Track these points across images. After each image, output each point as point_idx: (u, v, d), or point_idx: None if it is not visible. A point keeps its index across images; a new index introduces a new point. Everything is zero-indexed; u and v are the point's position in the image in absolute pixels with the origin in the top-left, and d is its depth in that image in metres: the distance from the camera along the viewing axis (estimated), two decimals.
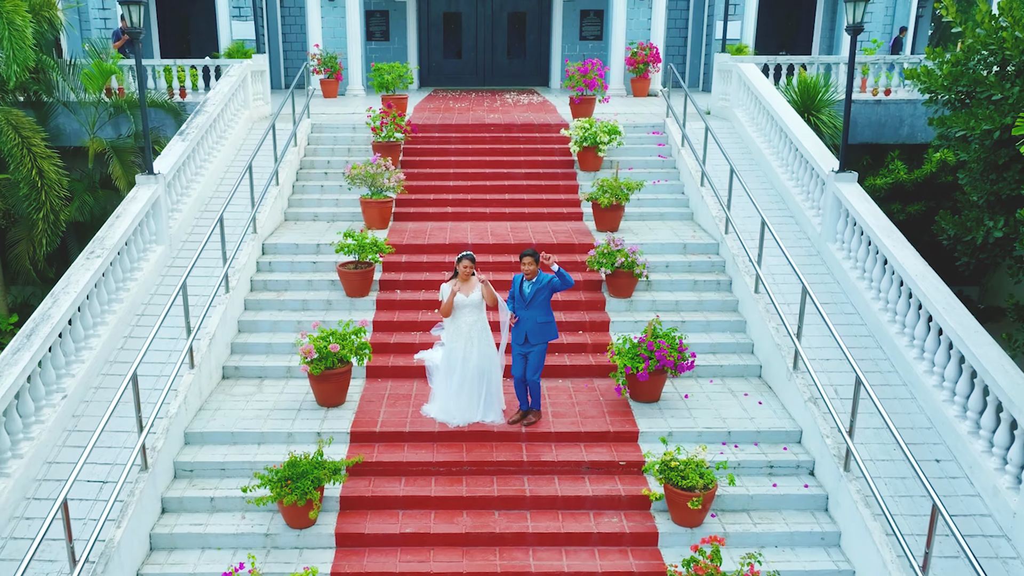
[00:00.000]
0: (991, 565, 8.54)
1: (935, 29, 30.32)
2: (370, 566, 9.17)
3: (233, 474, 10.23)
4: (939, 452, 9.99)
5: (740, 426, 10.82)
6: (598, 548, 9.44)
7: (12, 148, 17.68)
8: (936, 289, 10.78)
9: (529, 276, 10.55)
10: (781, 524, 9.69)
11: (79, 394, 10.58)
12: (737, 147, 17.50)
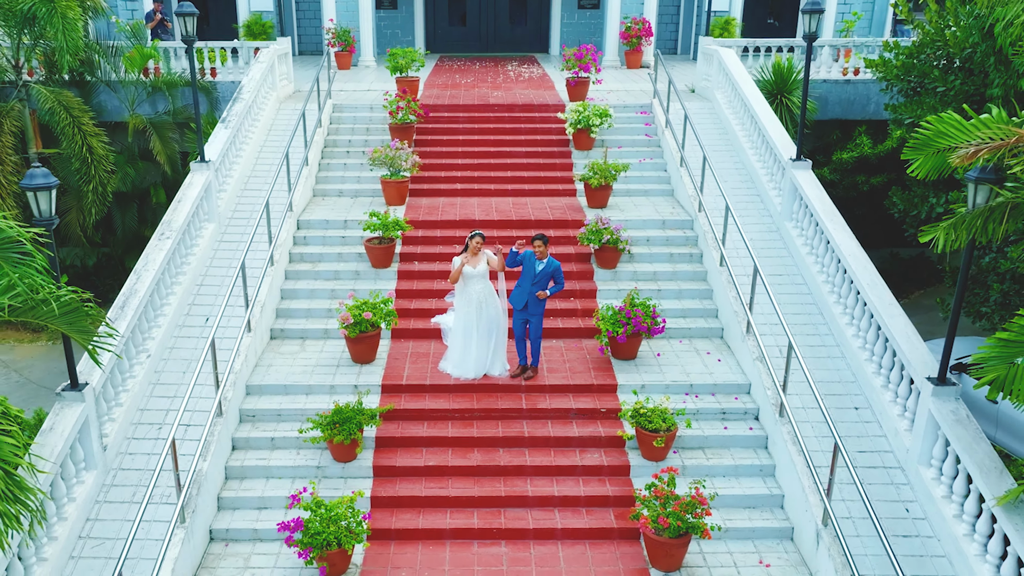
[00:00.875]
0: (886, 491, 11.12)
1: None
2: (401, 491, 11.76)
3: (287, 419, 12.79)
4: (859, 401, 12.52)
5: (701, 380, 13.36)
6: (582, 478, 12.03)
7: (64, 127, 19.97)
8: (864, 268, 13.22)
9: (540, 256, 12.94)
10: (729, 459, 12.26)
11: (158, 354, 13.08)
12: (715, 128, 19.75)
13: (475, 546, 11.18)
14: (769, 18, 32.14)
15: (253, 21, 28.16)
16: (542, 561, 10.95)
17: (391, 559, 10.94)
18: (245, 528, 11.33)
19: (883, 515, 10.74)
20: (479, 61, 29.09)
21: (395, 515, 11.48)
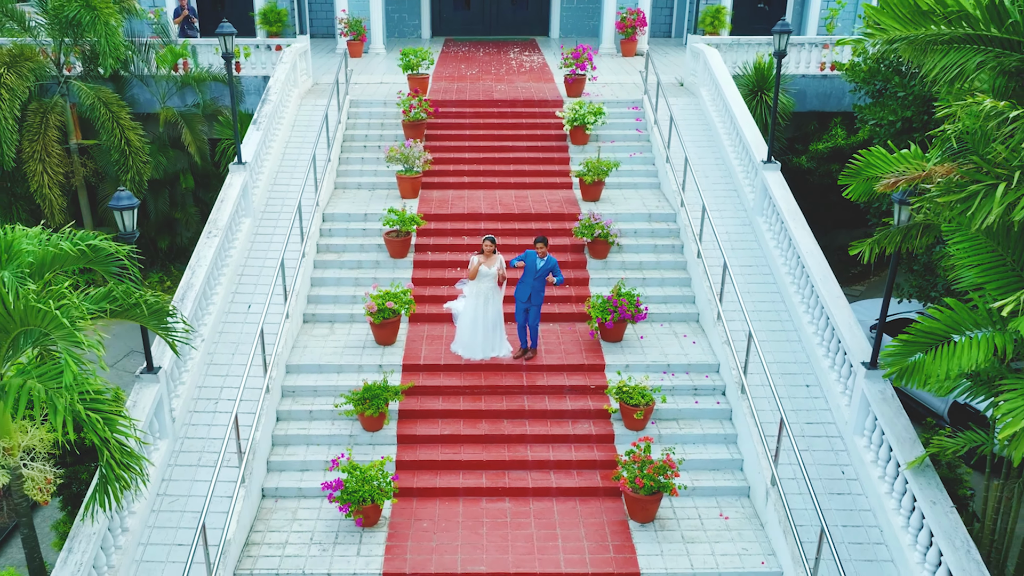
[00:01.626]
0: (828, 456, 13.47)
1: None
2: (421, 455, 14.14)
3: (322, 394, 15.14)
4: (810, 380, 14.84)
5: (677, 360, 15.68)
6: (574, 445, 14.40)
7: (104, 121, 22.07)
8: (818, 264, 15.47)
9: (541, 255, 15.20)
10: (698, 429, 14.63)
11: (210, 338, 15.40)
12: (700, 124, 21.86)
13: (483, 502, 13.58)
14: (760, 2, 34.01)
15: (269, 9, 30.05)
16: (539, 514, 13.35)
17: (414, 512, 13.35)
18: (291, 487, 13.73)
19: (824, 476, 13.15)
20: (483, 47, 31.02)
21: (416, 476, 13.87)
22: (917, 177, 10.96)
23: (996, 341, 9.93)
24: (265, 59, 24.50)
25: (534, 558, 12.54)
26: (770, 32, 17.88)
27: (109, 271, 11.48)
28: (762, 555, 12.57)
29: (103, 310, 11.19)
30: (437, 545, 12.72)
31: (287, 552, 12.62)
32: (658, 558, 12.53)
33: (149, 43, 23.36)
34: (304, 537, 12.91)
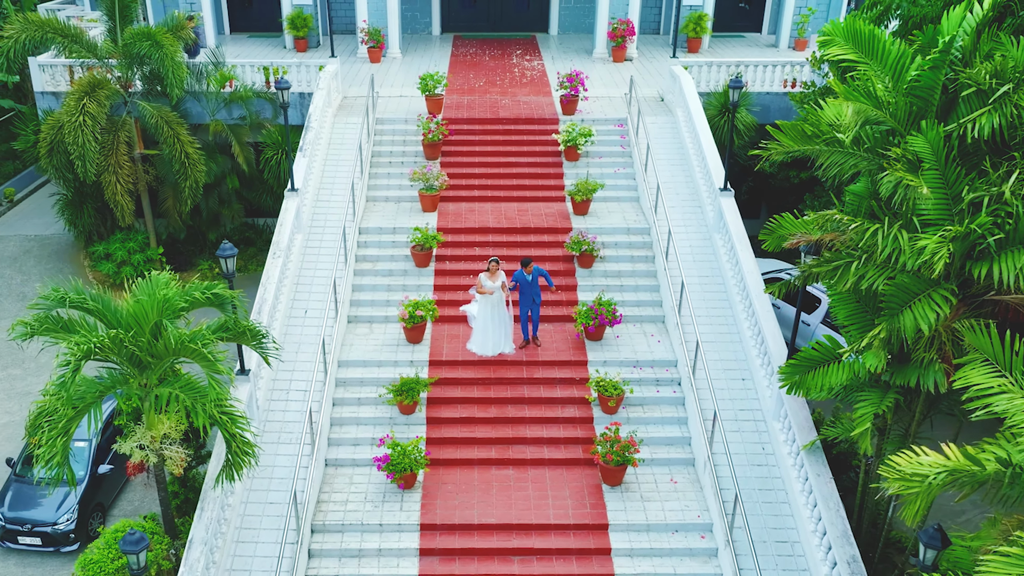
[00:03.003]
0: (754, 436, 18.21)
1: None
2: (445, 434, 18.91)
3: (367, 384, 19.86)
4: (746, 375, 19.54)
5: (644, 356, 20.38)
6: (562, 425, 19.16)
7: (166, 136, 26.44)
8: (755, 280, 20.06)
9: (528, 271, 19.82)
10: (658, 413, 19.39)
11: (279, 339, 20.07)
12: (674, 143, 26.19)
13: (493, 470, 18.39)
14: (741, 2, 38.03)
15: (295, 15, 34.19)
16: (535, 479, 18.18)
17: (440, 478, 18.17)
18: (347, 458, 18.54)
19: (750, 451, 17.92)
20: (488, 49, 35.16)
21: (442, 449, 18.67)
22: (811, 240, 15.55)
23: (855, 367, 14.59)
24: (299, 76, 28.69)
25: (531, 512, 17.38)
26: (751, 30, 22.06)
27: (224, 309, 16.06)
28: (699, 511, 17.42)
29: (220, 337, 15.84)
30: (459, 503, 17.57)
31: (348, 508, 17.47)
32: (622, 512, 17.38)
33: (203, 67, 27.52)
34: (359, 497, 17.76)
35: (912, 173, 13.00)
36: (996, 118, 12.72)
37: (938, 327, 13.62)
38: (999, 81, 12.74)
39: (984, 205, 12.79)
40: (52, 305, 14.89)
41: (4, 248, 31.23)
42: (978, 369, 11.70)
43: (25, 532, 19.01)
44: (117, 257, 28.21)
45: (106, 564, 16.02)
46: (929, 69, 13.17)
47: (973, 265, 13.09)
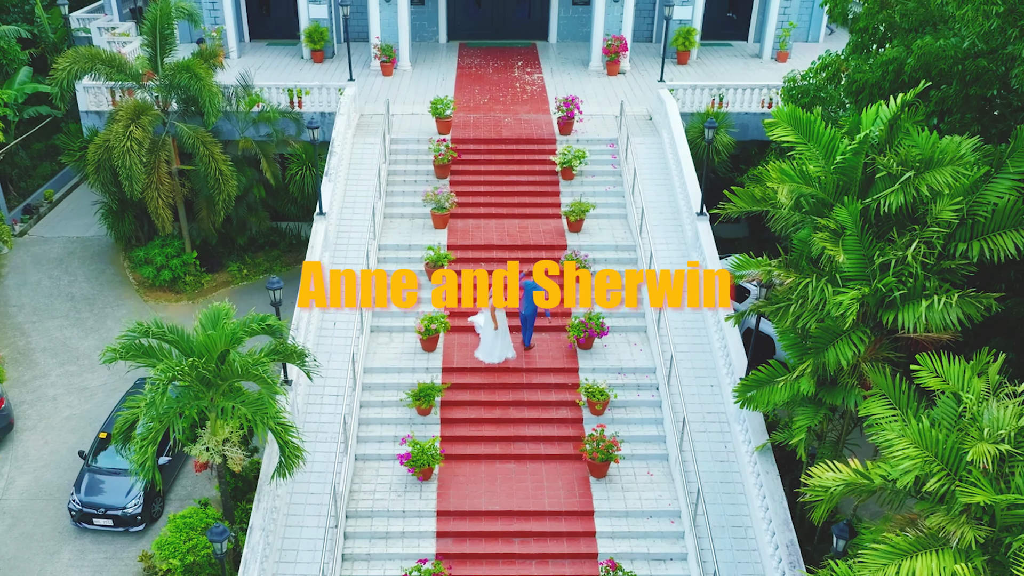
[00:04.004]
0: (718, 436, 21.83)
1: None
2: (456, 432, 22.55)
3: (389, 388, 23.48)
4: (714, 381, 23.13)
5: (628, 364, 23.98)
6: (556, 425, 22.81)
7: (202, 155, 29.80)
8: (723, 300, 23.59)
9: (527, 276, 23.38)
10: (639, 414, 23.03)
11: (312, 349, 23.65)
12: (659, 164, 29.54)
13: (497, 464, 22.07)
14: (728, 12, 41.18)
15: (312, 29, 37.44)
16: (533, 472, 21.85)
17: (453, 470, 21.84)
18: (373, 454, 22.19)
19: (714, 449, 21.57)
20: (492, 60, 38.39)
21: (453, 446, 22.30)
22: (761, 277, 19.07)
23: (793, 388, 18.17)
24: (320, 98, 31.96)
25: (529, 500, 21.07)
26: (737, 38, 25.24)
27: (275, 335, 19.58)
28: (670, 499, 21.12)
29: (272, 358, 19.40)
30: (469, 492, 21.25)
31: (376, 497, 21.17)
32: (606, 501, 21.08)
33: (235, 91, 30.76)
34: (385, 487, 21.46)
35: (835, 239, 16.49)
36: (902, 196, 16.18)
37: (858, 359, 17.22)
38: (904, 167, 16.20)
39: (891, 266, 16.31)
40: (137, 335, 18.40)
41: (50, 250, 34.75)
42: (877, 402, 15.29)
43: (98, 515, 22.73)
44: (157, 262, 31.73)
45: (179, 545, 19.76)
46: (852, 154, 16.62)
47: (884, 313, 16.62)
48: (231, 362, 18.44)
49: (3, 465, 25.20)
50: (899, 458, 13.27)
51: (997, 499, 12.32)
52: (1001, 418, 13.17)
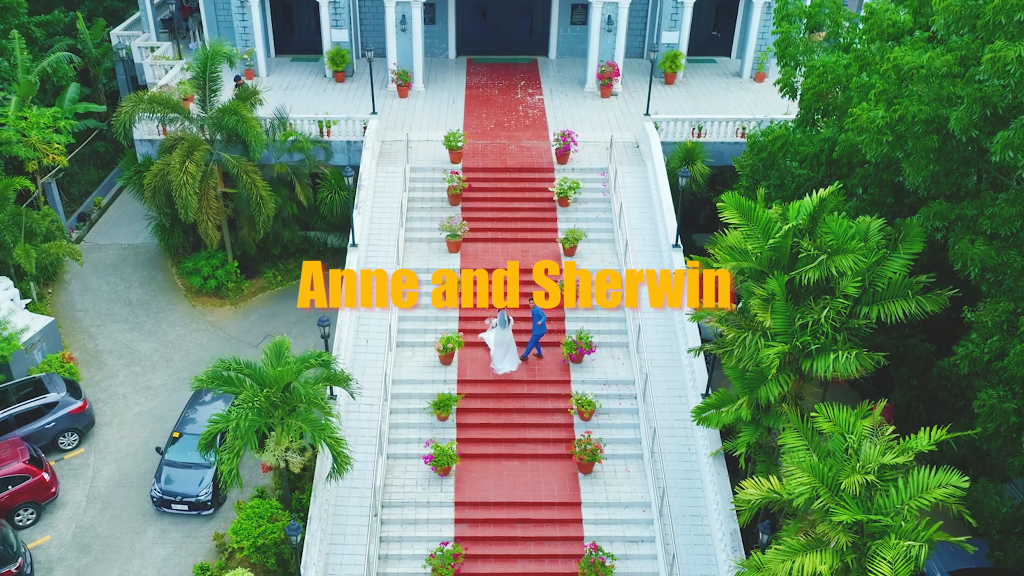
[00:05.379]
0: (684, 441, 27.42)
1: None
2: (469, 435, 28.13)
3: (413, 398, 29.02)
4: (683, 393, 28.67)
5: (612, 377, 29.51)
6: (551, 430, 28.36)
7: (244, 182, 34.99)
8: (692, 324, 29.02)
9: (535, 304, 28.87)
10: (620, 420, 28.61)
11: (347, 366, 29.13)
12: (644, 193, 34.75)
13: (503, 462, 27.66)
14: (713, 30, 46.04)
15: (335, 52, 42.38)
16: (532, 469, 27.47)
17: (467, 468, 27.45)
18: (401, 453, 27.80)
19: (680, 451, 27.16)
20: (497, 79, 43.38)
21: (467, 447, 27.87)
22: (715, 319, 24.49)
23: (736, 413, 23.67)
24: (345, 128, 37.05)
25: (529, 492, 26.70)
26: (721, 54, 30.55)
27: (326, 367, 25.00)
28: (643, 492, 26.76)
29: (323, 383, 24.89)
30: (480, 486, 26.88)
31: (405, 490, 26.81)
32: (591, 493, 26.72)
33: (272, 123, 35.86)
34: (412, 482, 27.09)
35: (766, 305, 21.89)
36: (818, 273, 21.53)
37: (786, 393, 22.74)
38: (820, 251, 21.53)
39: (808, 326, 21.74)
40: (221, 369, 23.88)
41: (105, 256, 40.12)
42: (791, 434, 20.82)
43: (176, 501, 28.38)
44: (204, 272, 37.12)
45: (252, 531, 25.41)
46: (781, 237, 21.94)
47: (804, 361, 22.08)
48: (295, 390, 23.95)
49: (89, 456, 30.83)
50: (795, 484, 18.84)
51: (858, 517, 17.90)
52: (870, 455, 18.71)
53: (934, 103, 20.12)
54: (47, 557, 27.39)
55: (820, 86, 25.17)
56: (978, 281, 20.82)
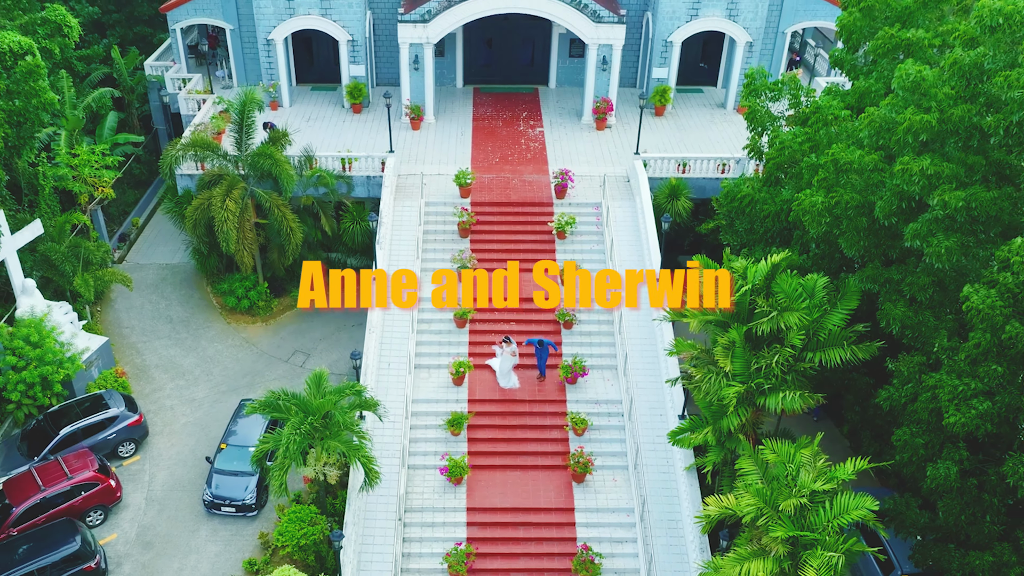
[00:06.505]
0: (662, 454, 32.45)
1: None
2: (479, 448, 33.12)
3: (430, 415, 34.03)
4: (663, 412, 33.69)
5: (602, 396, 34.52)
6: (548, 443, 33.35)
7: (275, 214, 39.82)
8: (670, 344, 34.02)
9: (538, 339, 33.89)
10: (608, 436, 33.65)
11: (372, 388, 34.13)
12: (632, 227, 39.55)
13: (508, 472, 32.65)
14: (701, 62, 50.75)
15: (352, 86, 47.10)
16: (532, 479, 32.52)
17: (477, 477, 32.48)
18: (420, 464, 32.83)
19: (659, 465, 32.19)
20: (501, 110, 48.13)
21: (476, 459, 32.89)
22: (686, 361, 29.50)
23: (703, 439, 28.70)
24: (365, 165, 41.83)
25: (529, 499, 31.76)
26: (708, 84, 35.87)
27: (359, 395, 29.97)
28: (627, 500, 31.83)
29: (355, 409, 29.92)
30: (488, 493, 31.95)
31: (424, 496, 31.88)
32: (583, 500, 31.80)
33: (299, 161, 40.62)
34: (429, 490, 32.16)
35: (727, 352, 26.86)
36: (770, 326, 26.48)
37: (744, 422, 27.77)
38: (772, 308, 26.47)
39: (762, 369, 26.72)
40: (272, 399, 28.87)
41: (146, 276, 45.01)
42: (746, 460, 25.86)
43: (224, 504, 33.46)
44: (238, 293, 42.03)
45: (295, 533, 30.48)
46: (741, 295, 26.89)
47: (759, 398, 27.09)
48: (333, 416, 28.96)
49: (145, 463, 35.89)
50: (745, 504, 23.91)
51: (792, 533, 22.96)
52: (805, 481, 23.77)
53: (864, 191, 24.99)
54: (115, 553, 32.46)
55: (779, 158, 30.00)
56: (900, 336, 25.76)
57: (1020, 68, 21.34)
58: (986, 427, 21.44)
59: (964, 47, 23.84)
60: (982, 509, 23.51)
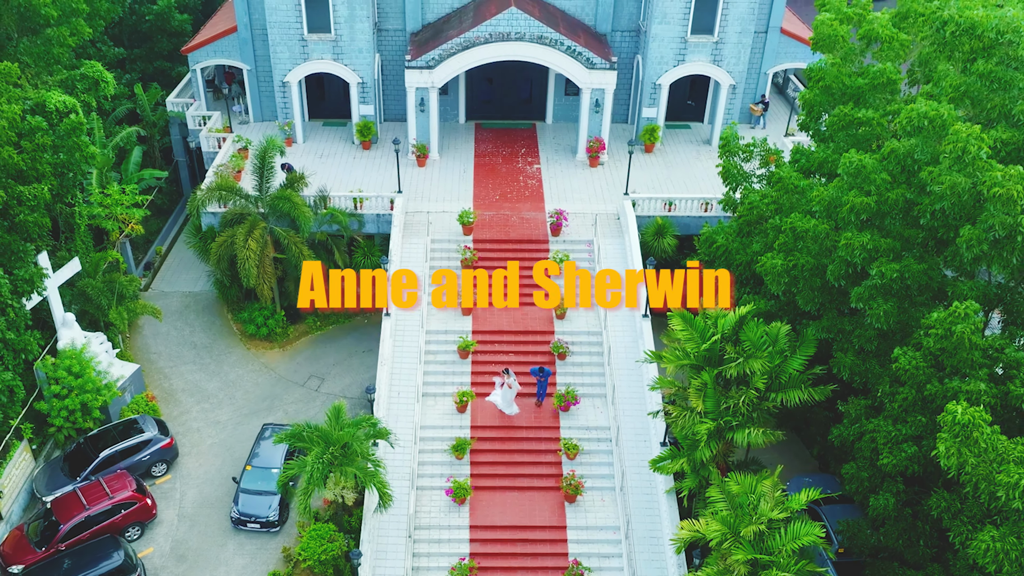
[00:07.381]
0: (647, 477, 36.45)
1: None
2: (480, 471, 37.06)
3: (436, 440, 37.95)
4: (648, 438, 37.68)
5: (592, 423, 38.46)
6: (543, 466, 37.31)
7: (293, 251, 43.76)
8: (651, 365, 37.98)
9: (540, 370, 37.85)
10: (598, 459, 37.55)
11: (384, 417, 38.11)
12: (621, 264, 43.49)
13: (506, 493, 36.59)
14: (688, 100, 54.66)
15: (362, 125, 51.01)
16: (528, 499, 36.44)
17: (479, 498, 36.43)
18: (427, 485, 36.76)
19: (644, 485, 36.15)
20: (501, 147, 52.04)
21: (479, 480, 36.83)
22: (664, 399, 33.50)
23: (680, 467, 32.68)
24: (375, 204, 45.74)
25: (526, 518, 35.73)
26: (696, 120, 40.38)
27: (374, 426, 33.93)
28: (614, 519, 35.80)
29: (371, 437, 33.90)
30: (489, 512, 35.91)
31: (431, 515, 35.85)
32: (574, 518, 35.75)
33: (315, 200, 44.51)
34: (436, 509, 36.12)
35: (699, 393, 30.83)
36: (738, 370, 30.43)
37: (716, 454, 31.75)
38: (739, 354, 30.44)
39: (730, 408, 30.70)
40: (298, 431, 32.84)
41: (171, 303, 48.94)
42: (715, 489, 29.84)
43: (250, 520, 37.45)
44: (257, 321, 45.99)
45: (316, 549, 34.45)
46: (711, 343, 30.86)
47: (728, 433, 31.06)
48: (350, 446, 32.94)
49: (176, 482, 39.87)
50: (711, 529, 27.90)
51: (751, 556, 26.96)
52: (764, 510, 27.77)
53: (818, 255, 28.97)
54: (152, 565, 36.44)
55: (749, 216, 33.93)
56: (850, 380, 29.73)
57: (941, 166, 25.23)
58: (913, 468, 25.42)
59: (903, 135, 27.79)
60: (916, 534, 27.49)
